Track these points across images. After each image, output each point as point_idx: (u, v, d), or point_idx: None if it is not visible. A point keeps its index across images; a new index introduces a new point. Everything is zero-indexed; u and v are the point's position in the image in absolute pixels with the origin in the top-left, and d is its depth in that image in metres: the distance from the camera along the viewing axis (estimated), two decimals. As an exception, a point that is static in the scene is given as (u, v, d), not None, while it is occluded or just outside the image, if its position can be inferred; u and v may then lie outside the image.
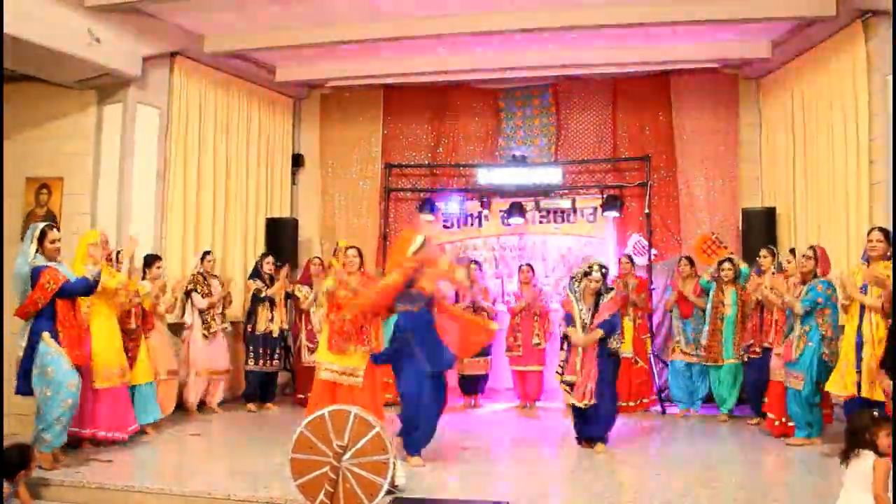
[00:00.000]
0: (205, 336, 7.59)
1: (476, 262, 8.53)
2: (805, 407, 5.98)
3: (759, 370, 6.82)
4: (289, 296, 8.37)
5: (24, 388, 5.27)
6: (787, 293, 6.13)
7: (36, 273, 5.20)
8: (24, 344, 5.25)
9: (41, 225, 5.41)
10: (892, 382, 4.72)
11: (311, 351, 8.14)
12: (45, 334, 5.21)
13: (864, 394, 5.32)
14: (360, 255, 6.57)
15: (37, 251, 5.28)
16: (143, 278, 6.92)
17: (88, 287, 5.44)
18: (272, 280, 8.08)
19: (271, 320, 7.99)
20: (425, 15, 7.53)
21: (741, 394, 7.47)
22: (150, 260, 7.07)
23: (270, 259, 8.19)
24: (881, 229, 5.59)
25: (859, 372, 5.39)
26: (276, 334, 8.05)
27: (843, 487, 3.67)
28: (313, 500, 3.99)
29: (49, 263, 5.28)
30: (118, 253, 6.37)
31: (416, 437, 5.42)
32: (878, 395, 5.10)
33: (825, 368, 5.84)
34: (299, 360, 8.29)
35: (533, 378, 8.30)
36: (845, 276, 5.64)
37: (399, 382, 5.65)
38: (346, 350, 6.13)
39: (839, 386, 5.56)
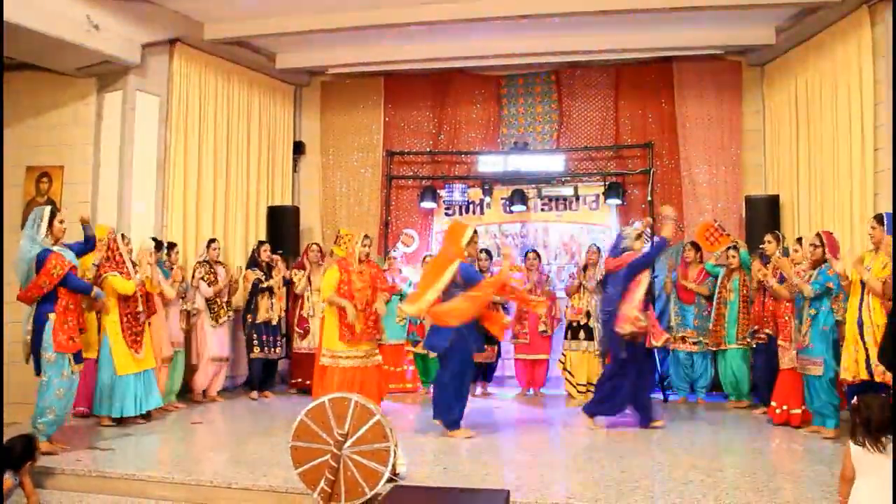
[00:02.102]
0: (213, 325, 7.64)
1: (486, 251, 8.48)
2: (830, 392, 5.88)
3: (766, 357, 6.79)
4: (287, 283, 8.36)
5: (38, 369, 5.31)
6: (795, 276, 6.06)
7: (42, 257, 5.22)
8: (30, 328, 5.26)
9: (48, 207, 5.41)
10: (892, 375, 4.70)
11: (302, 337, 8.18)
12: (52, 315, 5.25)
13: (877, 378, 5.32)
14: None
15: (46, 234, 5.30)
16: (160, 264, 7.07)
17: (87, 291, 5.56)
18: (269, 267, 8.08)
19: (271, 308, 8.00)
20: (426, 1, 7.47)
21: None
22: (168, 247, 7.22)
23: (267, 247, 8.20)
24: (875, 216, 5.65)
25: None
26: (275, 321, 8.06)
27: (868, 474, 3.38)
28: (314, 488, 3.98)
29: (54, 248, 5.30)
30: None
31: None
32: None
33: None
34: (292, 346, 8.35)
35: (539, 366, 8.30)
36: (848, 259, 5.68)
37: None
38: (359, 343, 6.33)
39: (852, 371, 5.54)
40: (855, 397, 3.68)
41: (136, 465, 5.08)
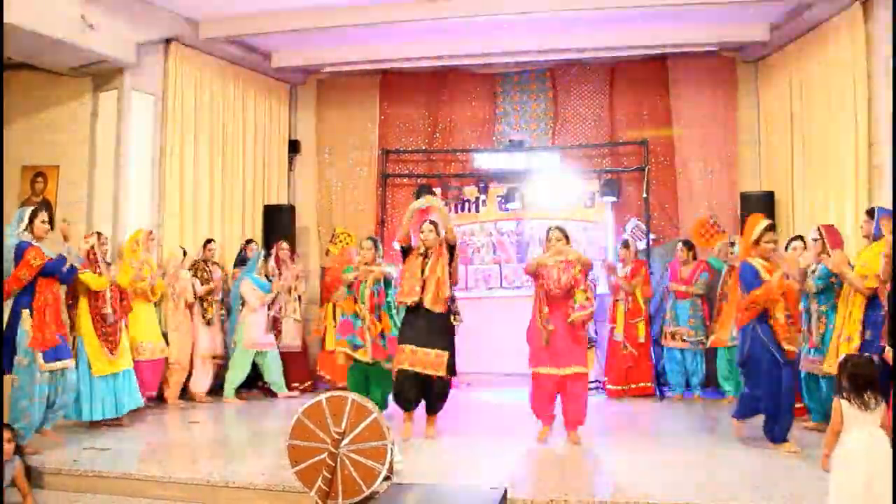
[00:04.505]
0: (204, 323, 7.66)
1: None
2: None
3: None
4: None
5: (7, 367, 5.22)
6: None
7: (21, 248, 5.23)
8: (4, 324, 5.22)
9: (30, 208, 5.51)
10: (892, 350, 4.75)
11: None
12: (25, 312, 5.23)
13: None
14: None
15: (25, 229, 5.34)
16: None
17: (65, 267, 5.44)
18: None
19: None
20: (422, -1, 7.49)
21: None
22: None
23: (254, 245, 8.19)
24: (867, 211, 5.69)
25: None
26: None
27: (857, 424, 3.55)
28: (311, 486, 3.99)
29: (34, 242, 5.33)
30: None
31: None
32: None
33: None
34: None
35: (573, 385, 8.05)
36: (834, 257, 5.65)
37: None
38: None
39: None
40: (842, 356, 3.84)
41: (132, 464, 5.09)
